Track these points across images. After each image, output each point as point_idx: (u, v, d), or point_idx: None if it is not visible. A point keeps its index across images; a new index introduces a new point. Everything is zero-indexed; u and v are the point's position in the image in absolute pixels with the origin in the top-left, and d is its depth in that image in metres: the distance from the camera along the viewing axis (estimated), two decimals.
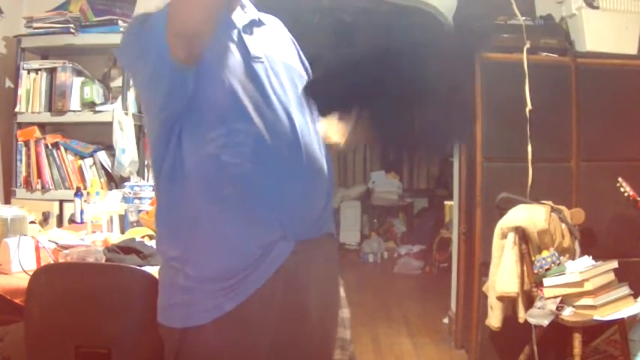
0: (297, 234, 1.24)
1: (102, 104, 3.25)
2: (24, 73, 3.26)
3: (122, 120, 3.15)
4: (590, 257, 2.65)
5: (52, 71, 3.28)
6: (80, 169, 3.26)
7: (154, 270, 1.78)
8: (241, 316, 1.18)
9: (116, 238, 2.25)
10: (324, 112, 1.32)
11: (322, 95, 1.27)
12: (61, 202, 3.19)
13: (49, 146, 3.26)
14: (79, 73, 3.33)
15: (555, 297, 2.53)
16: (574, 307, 2.52)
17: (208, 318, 1.18)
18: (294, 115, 1.23)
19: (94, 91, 3.24)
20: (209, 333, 1.18)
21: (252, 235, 1.20)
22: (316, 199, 1.28)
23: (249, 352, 1.21)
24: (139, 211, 2.55)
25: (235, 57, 1.22)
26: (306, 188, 1.25)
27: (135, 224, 2.53)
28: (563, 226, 2.77)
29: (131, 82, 3.31)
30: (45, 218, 3.10)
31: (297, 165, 1.23)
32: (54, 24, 3.25)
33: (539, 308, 2.56)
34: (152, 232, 2.28)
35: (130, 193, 2.72)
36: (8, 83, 3.42)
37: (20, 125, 3.29)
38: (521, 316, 2.62)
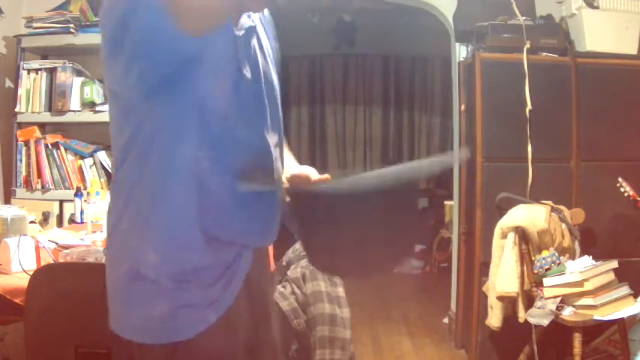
0: (257, 244, 1.25)
1: (102, 104, 3.25)
2: (24, 73, 3.26)
3: None
4: (590, 257, 2.65)
5: (52, 71, 3.28)
6: (80, 169, 3.26)
7: None
8: (224, 327, 1.16)
9: None
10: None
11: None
12: (61, 202, 3.19)
13: (49, 146, 3.26)
14: (79, 73, 3.33)
15: (555, 297, 2.53)
16: (574, 306, 2.52)
17: (195, 331, 1.13)
18: (270, 136, 1.22)
19: (94, 91, 3.24)
20: (197, 347, 1.13)
21: (214, 247, 1.17)
22: (278, 213, 1.28)
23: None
24: None
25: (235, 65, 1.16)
26: (272, 204, 1.25)
27: None
28: (563, 226, 2.77)
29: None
30: (45, 218, 3.10)
31: (267, 182, 1.22)
32: (54, 24, 3.25)
33: (539, 308, 2.56)
34: None
35: None
36: (8, 83, 3.42)
37: (20, 125, 3.29)
38: (521, 316, 2.62)
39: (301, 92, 6.79)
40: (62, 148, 3.26)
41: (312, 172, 1.33)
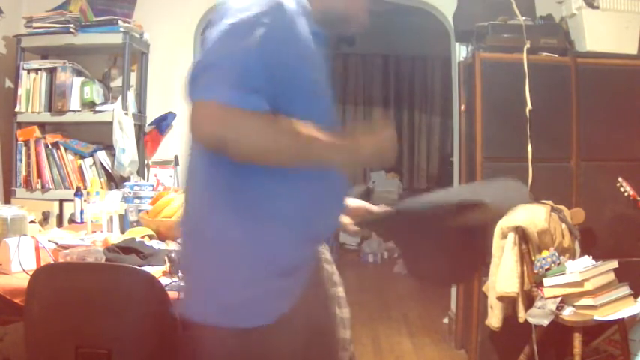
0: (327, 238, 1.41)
1: (102, 104, 3.25)
2: (24, 73, 3.26)
3: (122, 120, 3.15)
4: (590, 257, 2.65)
5: (52, 71, 3.28)
6: (80, 168, 3.26)
7: (153, 270, 1.78)
8: (293, 316, 1.18)
9: (116, 238, 2.25)
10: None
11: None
12: (61, 202, 3.19)
13: (49, 146, 3.26)
14: (79, 73, 3.33)
15: (555, 297, 2.53)
16: (574, 306, 2.52)
17: (272, 318, 1.15)
18: None
19: (94, 91, 3.24)
20: (270, 333, 1.15)
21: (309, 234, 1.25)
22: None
23: (297, 351, 1.22)
24: (139, 211, 2.55)
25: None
26: (342, 200, 1.34)
27: (135, 224, 2.53)
28: (563, 225, 2.77)
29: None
30: (45, 218, 3.10)
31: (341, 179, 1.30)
32: (54, 24, 3.25)
33: (539, 308, 2.56)
34: (152, 232, 2.28)
35: (129, 193, 2.72)
36: (8, 83, 3.42)
37: (20, 125, 3.29)
38: (521, 315, 2.62)
39: None
40: (62, 148, 3.26)
41: (366, 205, 1.45)
